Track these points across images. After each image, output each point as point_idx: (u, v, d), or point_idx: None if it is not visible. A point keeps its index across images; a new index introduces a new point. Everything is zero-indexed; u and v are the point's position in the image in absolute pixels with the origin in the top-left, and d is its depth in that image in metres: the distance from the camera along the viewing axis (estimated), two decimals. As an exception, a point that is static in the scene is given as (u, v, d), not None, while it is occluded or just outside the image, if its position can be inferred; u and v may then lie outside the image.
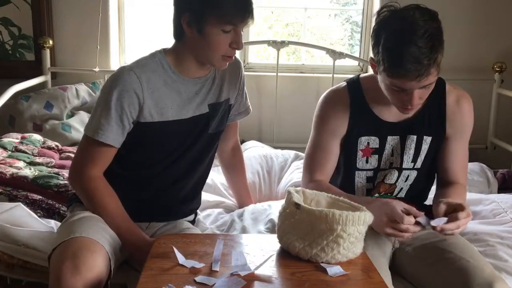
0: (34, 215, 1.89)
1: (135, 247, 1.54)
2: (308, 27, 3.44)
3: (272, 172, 2.41)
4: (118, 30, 3.17)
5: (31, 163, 2.33)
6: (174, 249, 1.32)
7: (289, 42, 3.06)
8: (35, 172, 2.20)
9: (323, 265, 1.31)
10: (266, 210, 1.96)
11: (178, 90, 1.60)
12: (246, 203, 2.07)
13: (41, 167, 2.29)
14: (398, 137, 1.66)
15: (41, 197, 2.02)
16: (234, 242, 1.47)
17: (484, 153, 3.09)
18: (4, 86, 2.63)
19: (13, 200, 1.98)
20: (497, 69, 3.06)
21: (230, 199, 2.18)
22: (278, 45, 3.01)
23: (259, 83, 3.07)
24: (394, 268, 1.63)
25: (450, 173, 1.71)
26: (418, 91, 1.48)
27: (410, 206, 1.47)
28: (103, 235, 1.48)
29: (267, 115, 3.09)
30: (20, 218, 1.82)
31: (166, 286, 1.17)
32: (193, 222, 1.83)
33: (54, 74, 3.08)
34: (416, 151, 1.67)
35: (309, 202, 1.46)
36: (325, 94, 1.74)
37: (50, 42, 3.00)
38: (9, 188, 2.05)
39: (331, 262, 1.32)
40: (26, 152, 2.43)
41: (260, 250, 1.40)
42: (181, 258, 1.30)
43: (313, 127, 1.74)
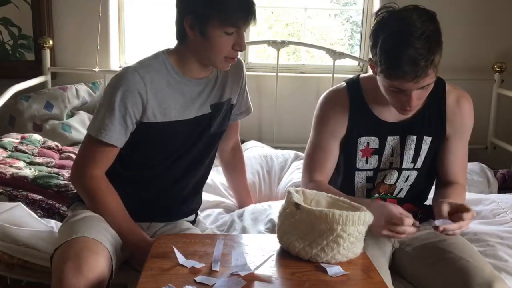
0: (34, 215, 1.89)
1: (136, 247, 1.54)
2: (308, 27, 3.44)
3: (272, 172, 2.41)
4: (118, 30, 3.17)
5: (31, 163, 2.32)
6: (174, 249, 1.32)
7: (289, 42, 3.06)
8: (35, 172, 2.20)
9: (323, 265, 1.31)
10: (266, 210, 1.96)
11: (181, 91, 1.60)
12: (246, 203, 2.07)
13: (41, 167, 2.28)
14: (398, 137, 1.66)
15: (41, 197, 2.02)
16: (234, 242, 1.47)
17: (484, 153, 3.09)
18: (4, 86, 2.62)
19: (13, 200, 1.98)
20: (497, 69, 3.06)
21: (230, 199, 2.18)
22: (278, 45, 3.01)
23: (259, 83, 3.07)
24: (394, 268, 1.63)
25: (449, 173, 1.71)
26: (416, 92, 1.48)
27: (406, 211, 1.46)
28: (105, 235, 1.48)
29: (267, 115, 3.09)
30: (20, 218, 1.82)
31: (166, 286, 1.17)
32: (193, 222, 1.83)
33: (54, 74, 3.08)
34: (416, 151, 1.67)
35: (309, 202, 1.46)
36: (324, 94, 1.74)
37: (50, 42, 3.00)
38: (9, 188, 2.05)
39: (331, 262, 1.32)
40: (26, 152, 2.43)
41: (260, 250, 1.40)
42: (181, 258, 1.30)
43: (312, 128, 1.74)
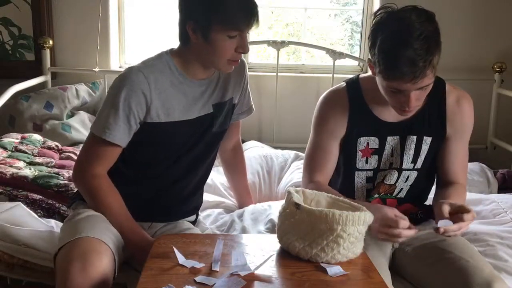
0: (34, 215, 1.89)
1: (138, 247, 1.54)
2: (308, 27, 3.44)
3: (272, 172, 2.41)
4: (118, 30, 3.17)
5: (31, 163, 2.32)
6: (174, 249, 1.32)
7: (289, 42, 3.06)
8: (35, 172, 2.20)
9: (323, 265, 1.31)
10: (266, 210, 1.96)
11: (184, 91, 1.61)
12: (246, 203, 2.07)
13: (41, 167, 2.28)
14: (398, 137, 1.66)
15: (41, 197, 2.02)
16: (234, 242, 1.47)
17: (484, 153, 3.09)
18: (4, 86, 2.63)
19: (13, 200, 1.98)
20: (497, 69, 3.06)
21: (230, 199, 2.18)
22: (278, 45, 3.01)
23: (259, 83, 3.07)
24: (394, 268, 1.63)
25: (450, 173, 1.71)
26: (415, 93, 1.47)
27: (403, 214, 1.46)
28: (108, 235, 1.48)
29: (267, 115, 3.09)
30: (20, 217, 1.82)
31: (166, 286, 1.17)
32: (194, 222, 1.83)
33: (54, 74, 3.08)
34: (416, 152, 1.67)
35: (309, 202, 1.46)
36: (324, 95, 1.74)
37: (50, 42, 3.00)
38: (9, 188, 2.05)
39: (331, 262, 1.32)
40: (26, 152, 2.43)
41: (260, 250, 1.40)
42: (181, 258, 1.30)
43: (312, 128, 1.74)
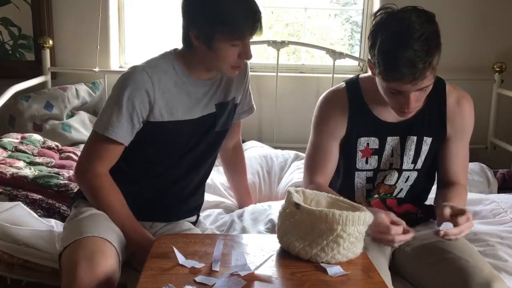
0: (34, 214, 1.89)
1: (139, 246, 1.54)
2: (308, 27, 3.43)
3: (272, 172, 2.41)
4: (118, 30, 3.17)
5: (31, 163, 2.32)
6: (174, 249, 1.32)
7: (289, 42, 3.06)
8: (35, 172, 2.20)
9: (323, 265, 1.31)
10: (266, 210, 1.96)
11: (187, 91, 1.61)
12: (246, 203, 2.07)
13: (41, 167, 2.28)
14: (398, 137, 1.66)
15: (41, 196, 2.02)
16: (234, 242, 1.47)
17: (484, 153, 3.09)
18: (4, 86, 2.62)
19: (13, 199, 1.97)
20: (497, 69, 3.06)
21: (230, 199, 2.18)
22: (278, 45, 3.01)
23: (259, 83, 3.07)
24: (394, 268, 1.63)
25: (450, 173, 1.70)
26: (415, 94, 1.47)
27: (400, 219, 1.45)
28: (112, 234, 1.49)
29: (267, 115, 3.08)
30: (20, 217, 1.82)
31: (166, 286, 1.17)
32: (194, 223, 1.83)
33: (54, 74, 3.08)
34: (416, 152, 1.67)
35: (309, 202, 1.46)
36: (323, 95, 1.73)
37: (50, 42, 3.00)
38: (9, 188, 2.05)
39: (331, 262, 1.32)
40: (26, 152, 2.43)
41: (260, 250, 1.40)
42: (181, 258, 1.30)
43: (312, 129, 1.73)
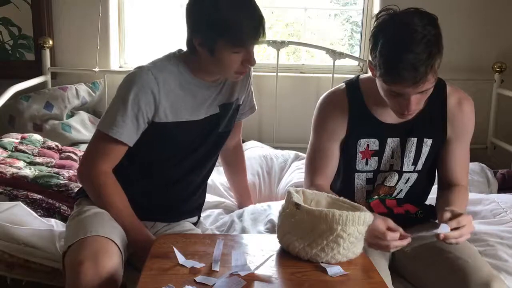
0: (34, 214, 1.88)
1: (141, 246, 1.54)
2: (308, 27, 3.44)
3: (272, 172, 2.41)
4: (118, 30, 3.17)
5: (31, 163, 2.32)
6: (174, 249, 1.32)
7: (289, 42, 3.06)
8: (35, 171, 2.20)
9: (323, 265, 1.31)
10: (265, 210, 1.96)
11: (192, 92, 1.62)
12: (246, 203, 2.07)
13: (41, 167, 2.28)
14: (398, 139, 1.65)
15: (41, 196, 2.02)
16: (234, 242, 1.47)
17: (484, 153, 3.09)
18: (4, 86, 2.62)
19: (13, 199, 1.97)
20: (497, 69, 3.05)
21: (230, 200, 2.18)
22: (278, 45, 3.01)
23: (259, 83, 3.06)
24: (394, 268, 1.63)
25: (451, 175, 1.69)
26: (415, 97, 1.46)
27: (396, 225, 1.44)
28: (116, 234, 1.49)
29: (267, 115, 3.08)
30: (20, 217, 1.82)
31: (166, 286, 1.17)
32: (195, 224, 1.83)
33: (54, 74, 3.08)
34: (416, 154, 1.66)
35: (309, 202, 1.46)
36: (323, 96, 1.72)
37: (50, 42, 3.00)
38: (9, 187, 2.05)
39: (331, 262, 1.32)
40: (26, 152, 2.43)
41: (260, 250, 1.40)
42: (181, 258, 1.30)
43: (312, 130, 1.72)
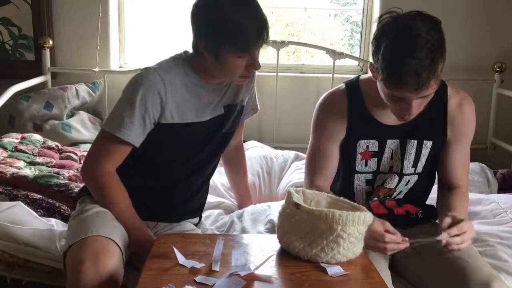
0: (34, 213, 1.89)
1: (142, 246, 1.53)
2: (308, 27, 3.44)
3: (272, 173, 2.41)
4: (118, 30, 3.17)
5: (31, 163, 2.33)
6: (174, 249, 1.32)
7: (289, 42, 3.06)
8: (35, 171, 2.20)
9: (323, 265, 1.31)
10: (265, 210, 1.96)
11: (198, 94, 1.62)
12: (246, 203, 2.07)
13: (41, 167, 2.29)
14: (397, 141, 1.64)
15: (41, 196, 2.02)
16: (234, 242, 1.47)
17: (484, 153, 3.09)
18: (4, 86, 2.62)
19: (13, 199, 1.97)
20: (497, 69, 3.05)
21: (230, 200, 2.18)
22: (278, 45, 3.00)
23: (259, 83, 2.99)
24: (394, 268, 1.63)
25: (451, 177, 1.69)
26: (417, 101, 1.44)
27: (394, 229, 1.44)
28: (117, 234, 1.49)
29: (267, 115, 3.08)
30: (20, 216, 1.82)
31: (166, 286, 1.17)
32: (196, 225, 1.83)
33: (54, 74, 3.08)
34: (416, 156, 1.65)
35: (309, 202, 1.46)
36: (323, 97, 1.71)
37: (50, 42, 3.00)
38: (9, 187, 2.05)
39: (331, 262, 1.32)
40: (26, 152, 2.43)
41: (260, 250, 1.40)
42: (181, 258, 1.30)
43: (311, 132, 1.72)
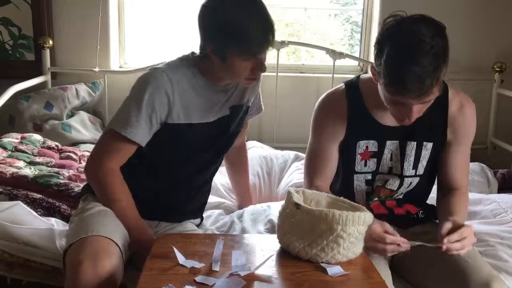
0: (34, 213, 1.88)
1: (144, 246, 1.53)
2: (308, 27, 3.44)
3: (272, 173, 2.41)
4: (118, 30, 3.17)
5: (31, 163, 2.32)
6: (174, 249, 1.32)
7: (289, 42, 3.06)
8: (35, 171, 2.20)
9: (323, 265, 1.31)
10: (265, 210, 1.96)
11: (204, 95, 1.62)
12: (246, 203, 2.07)
13: (41, 167, 2.28)
14: (397, 142, 1.63)
15: (41, 196, 2.02)
16: (234, 242, 1.47)
17: (484, 153, 3.09)
18: (4, 86, 2.62)
19: (13, 199, 1.97)
20: (497, 69, 3.05)
21: (230, 200, 2.18)
22: (278, 45, 3.00)
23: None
24: (394, 268, 1.63)
25: (451, 178, 1.68)
26: (418, 106, 1.43)
27: (394, 230, 1.44)
28: (118, 234, 1.49)
29: (267, 115, 3.04)
30: (20, 216, 1.82)
31: (166, 286, 1.17)
32: (198, 225, 1.84)
33: (54, 74, 3.08)
34: (416, 157, 1.64)
35: (309, 202, 1.46)
36: (322, 97, 1.71)
37: (50, 42, 2.99)
38: (9, 187, 2.05)
39: (331, 262, 1.32)
40: (26, 152, 2.43)
41: (260, 250, 1.40)
42: (181, 258, 1.30)
43: (311, 132, 1.71)
